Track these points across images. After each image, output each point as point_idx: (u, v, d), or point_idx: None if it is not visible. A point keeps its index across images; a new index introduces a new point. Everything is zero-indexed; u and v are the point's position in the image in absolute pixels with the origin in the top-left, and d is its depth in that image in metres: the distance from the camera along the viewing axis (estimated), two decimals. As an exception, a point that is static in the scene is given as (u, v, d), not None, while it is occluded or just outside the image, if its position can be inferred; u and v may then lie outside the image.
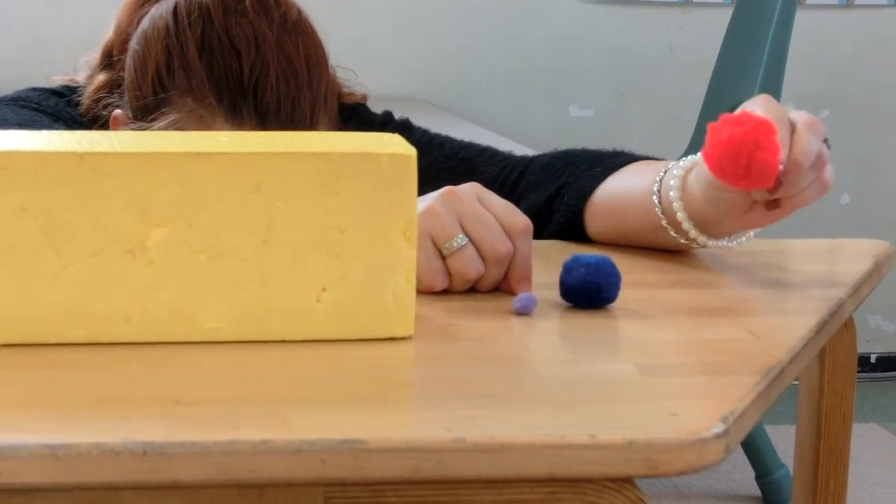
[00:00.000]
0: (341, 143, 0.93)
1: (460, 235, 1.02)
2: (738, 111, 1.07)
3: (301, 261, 0.91)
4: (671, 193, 1.14)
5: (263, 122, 1.25)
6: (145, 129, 1.26)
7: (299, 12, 1.31)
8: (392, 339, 0.92)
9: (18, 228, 0.88)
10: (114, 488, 0.73)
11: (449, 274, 1.03)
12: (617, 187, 1.24)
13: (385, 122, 1.47)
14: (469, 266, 1.03)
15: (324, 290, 0.91)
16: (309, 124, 1.27)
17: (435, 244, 1.02)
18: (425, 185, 0.97)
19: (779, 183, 1.03)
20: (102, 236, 0.88)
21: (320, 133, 1.00)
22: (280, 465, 0.72)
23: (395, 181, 0.91)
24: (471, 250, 1.03)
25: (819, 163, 1.06)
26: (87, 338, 0.90)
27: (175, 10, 1.28)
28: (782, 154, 1.02)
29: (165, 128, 1.25)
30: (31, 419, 0.76)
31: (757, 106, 1.07)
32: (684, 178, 1.13)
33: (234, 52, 1.25)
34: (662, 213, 1.15)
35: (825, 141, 1.06)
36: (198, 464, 0.71)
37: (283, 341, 0.91)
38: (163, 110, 1.26)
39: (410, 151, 0.91)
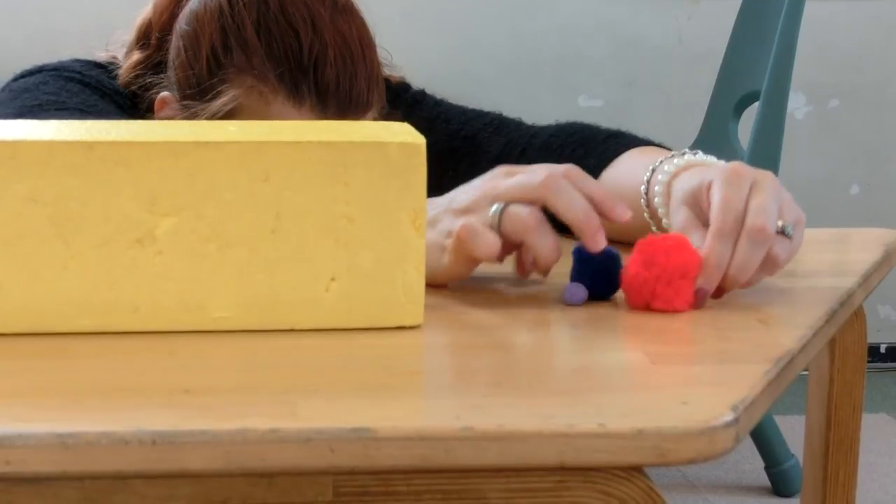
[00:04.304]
0: (350, 133, 0.93)
1: (494, 205, 0.99)
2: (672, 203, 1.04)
3: (310, 250, 0.91)
4: (656, 200, 1.11)
5: (323, 99, 1.26)
6: (200, 110, 1.27)
7: None
8: (401, 328, 0.92)
9: (27, 218, 0.88)
10: (123, 477, 0.73)
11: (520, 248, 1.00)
12: (608, 184, 1.23)
13: (400, 92, 1.47)
14: (519, 215, 0.98)
15: (333, 279, 0.91)
16: (366, 102, 1.28)
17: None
18: (428, 166, 0.94)
19: (720, 291, 1.01)
20: (111, 226, 0.88)
21: (329, 122, 1.00)
22: (289, 453, 0.72)
23: (404, 170, 0.91)
24: (513, 206, 0.99)
25: (762, 243, 1.00)
26: (95, 327, 0.90)
27: None
28: (713, 272, 0.99)
29: (225, 104, 1.26)
30: (40, 408, 0.76)
31: (714, 195, 1.01)
32: (669, 184, 1.10)
33: (292, 32, 1.27)
34: (650, 217, 1.13)
35: (782, 231, 1.01)
36: (207, 452, 0.71)
37: (291, 330, 0.91)
38: (219, 89, 1.27)
39: (419, 140, 0.91)
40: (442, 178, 1.05)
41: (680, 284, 0.99)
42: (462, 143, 1.41)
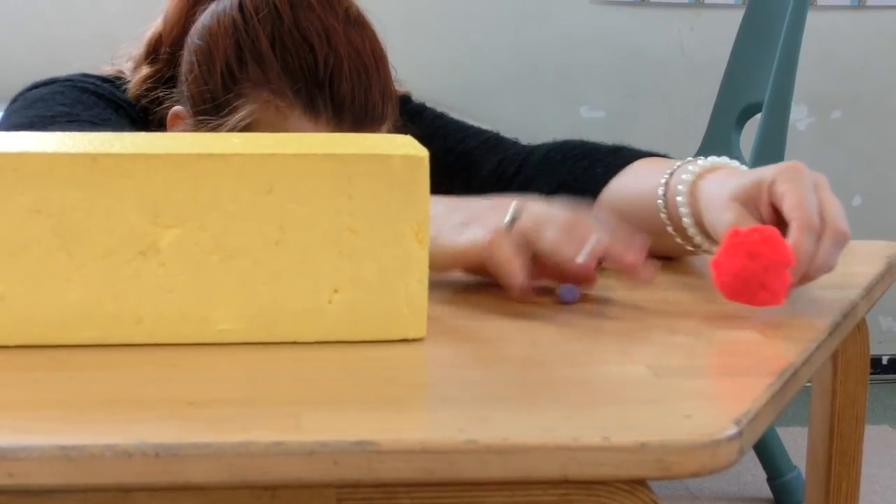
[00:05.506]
0: (353, 145, 0.93)
1: (508, 212, 1.02)
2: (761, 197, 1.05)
3: (313, 262, 0.91)
4: (678, 199, 1.11)
5: (339, 113, 1.26)
6: (216, 124, 1.27)
7: (358, 9, 1.33)
8: (404, 340, 0.92)
9: (30, 229, 0.88)
10: (126, 490, 0.73)
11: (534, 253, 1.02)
12: (620, 190, 1.23)
13: (401, 105, 1.48)
14: (536, 217, 1.02)
15: (336, 291, 0.91)
16: (381, 114, 1.28)
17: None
18: None
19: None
20: (114, 237, 0.88)
21: (332, 135, 1.00)
22: (293, 466, 0.72)
23: (407, 182, 0.91)
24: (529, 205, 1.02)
25: (843, 245, 1.05)
26: (98, 339, 0.89)
27: (241, 6, 1.29)
28: (800, 267, 1.01)
29: (242, 119, 1.26)
30: (44, 420, 0.76)
31: (788, 191, 1.03)
32: (694, 184, 1.11)
33: (306, 46, 1.27)
34: (668, 218, 1.14)
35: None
36: (210, 465, 0.71)
37: (295, 343, 0.91)
38: (235, 104, 1.27)
39: (423, 153, 0.91)
40: (434, 194, 1.05)
41: (785, 275, 1.00)
42: (457, 160, 1.41)
